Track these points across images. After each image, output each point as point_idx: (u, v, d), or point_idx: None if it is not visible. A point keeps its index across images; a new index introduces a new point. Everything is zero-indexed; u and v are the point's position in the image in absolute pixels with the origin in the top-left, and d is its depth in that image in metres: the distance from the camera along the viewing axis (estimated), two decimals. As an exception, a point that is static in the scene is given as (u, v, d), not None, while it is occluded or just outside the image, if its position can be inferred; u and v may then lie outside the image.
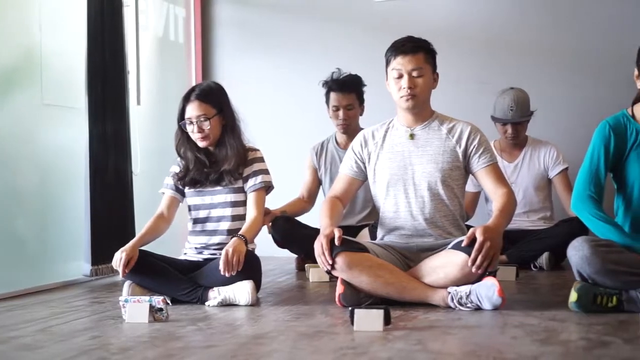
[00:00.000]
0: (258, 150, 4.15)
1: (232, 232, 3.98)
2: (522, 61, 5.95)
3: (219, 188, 4.06)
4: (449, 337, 2.95)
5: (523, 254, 5.01)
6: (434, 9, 6.18)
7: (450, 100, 5.67)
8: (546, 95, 5.68)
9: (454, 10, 6.17)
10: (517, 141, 5.32)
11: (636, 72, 3.49)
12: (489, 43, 6.05)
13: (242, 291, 3.76)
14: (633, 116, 3.56)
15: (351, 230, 4.97)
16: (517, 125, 5.25)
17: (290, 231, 4.99)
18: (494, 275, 4.27)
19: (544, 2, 6.01)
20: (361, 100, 5.27)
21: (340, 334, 3.04)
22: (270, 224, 4.99)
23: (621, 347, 2.68)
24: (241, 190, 4.06)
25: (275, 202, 5.02)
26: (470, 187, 5.13)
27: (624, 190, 3.57)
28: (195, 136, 4.02)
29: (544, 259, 4.94)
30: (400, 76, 3.75)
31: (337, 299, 3.60)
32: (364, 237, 4.85)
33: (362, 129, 4.37)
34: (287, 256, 5.43)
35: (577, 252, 3.35)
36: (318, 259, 3.60)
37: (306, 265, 4.82)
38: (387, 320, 3.06)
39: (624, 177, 3.56)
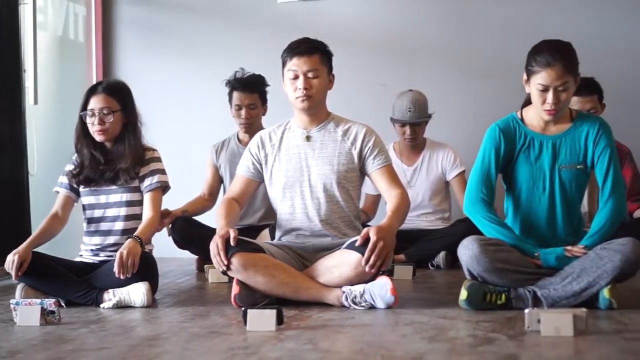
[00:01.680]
0: (155, 150, 4.12)
1: (127, 232, 3.95)
2: (420, 64, 6.05)
3: (114, 187, 4.02)
4: (340, 335, 2.99)
5: (421, 253, 5.09)
6: (337, 11, 6.22)
7: (350, 102, 5.75)
8: (443, 98, 5.78)
9: (355, 12, 6.23)
10: (416, 142, 5.40)
11: (525, 77, 3.58)
12: (389, 45, 6.13)
13: (137, 293, 3.73)
14: (522, 120, 3.66)
15: (252, 231, 4.98)
16: (415, 127, 5.33)
17: (189, 232, 4.97)
18: (388, 274, 4.34)
19: (443, 7, 6.11)
20: (264, 100, 5.28)
21: (233, 335, 3.05)
22: (170, 225, 4.95)
23: (505, 344, 2.75)
24: (137, 189, 4.03)
25: (178, 201, 5.00)
26: (371, 189, 5.20)
27: (513, 191, 3.67)
28: (94, 128, 3.97)
29: (441, 258, 5.04)
30: (296, 77, 3.77)
31: (232, 300, 3.60)
32: (264, 237, 4.86)
33: (264, 129, 4.38)
34: (188, 257, 5.40)
35: (466, 251, 3.43)
36: (213, 260, 3.60)
37: (205, 266, 4.81)
38: (279, 320, 3.07)
39: (514, 179, 3.65)
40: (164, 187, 4.06)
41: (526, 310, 2.94)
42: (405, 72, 5.99)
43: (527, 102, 3.67)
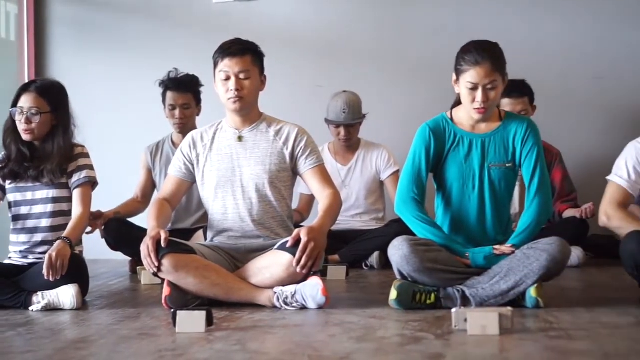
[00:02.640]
0: (84, 146, 4.07)
1: (54, 229, 3.90)
2: (355, 65, 6.06)
3: (39, 184, 3.96)
4: (269, 336, 2.99)
5: (355, 253, 5.11)
6: (272, 11, 6.22)
7: (285, 103, 5.75)
8: (378, 99, 5.81)
9: (291, 13, 6.23)
10: (350, 143, 5.43)
11: (454, 77, 3.63)
12: (324, 46, 6.14)
13: (66, 295, 3.69)
14: (452, 119, 3.70)
15: (186, 233, 4.95)
16: (349, 128, 5.36)
17: (122, 233, 4.91)
18: (321, 275, 4.35)
19: (377, 9, 6.15)
20: (198, 101, 5.26)
21: (162, 336, 3.03)
22: (103, 227, 4.90)
23: (432, 343, 2.78)
24: (65, 185, 3.97)
25: (110, 203, 4.95)
26: (306, 189, 5.21)
27: (443, 190, 3.71)
28: (21, 127, 3.91)
29: (374, 258, 5.07)
30: (228, 78, 3.76)
31: (163, 301, 3.58)
32: (198, 238, 4.83)
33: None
34: (122, 259, 5.35)
35: (397, 251, 3.46)
36: (144, 262, 3.58)
37: (138, 267, 4.77)
38: (209, 321, 3.07)
39: (444, 178, 3.69)
40: (92, 183, 4.01)
41: (453, 310, 2.97)
42: (341, 73, 6.00)
43: (457, 102, 3.72)
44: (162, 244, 3.53)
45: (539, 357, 2.58)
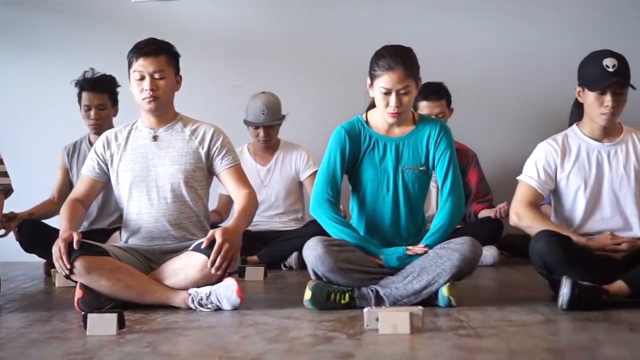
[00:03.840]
0: None
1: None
2: (274, 66, 6.07)
3: None
4: (181, 338, 2.97)
5: (273, 254, 5.11)
6: (192, 11, 6.19)
7: (204, 103, 5.73)
8: (297, 100, 5.82)
9: (210, 13, 6.21)
10: (270, 144, 5.43)
11: (368, 82, 3.66)
12: (243, 47, 6.13)
13: (-25, 298, 3.62)
14: (367, 122, 3.73)
15: (103, 233, 4.89)
16: (268, 129, 5.36)
17: (36, 235, 4.83)
18: (239, 276, 4.35)
19: (296, 10, 6.16)
20: (115, 101, 5.20)
21: (72, 339, 2.99)
22: (17, 228, 4.81)
23: (343, 343, 2.80)
24: (-24, 193, 3.91)
25: (25, 204, 4.87)
26: (225, 190, 5.18)
27: (358, 192, 3.74)
28: None
29: (293, 258, 5.08)
30: (142, 78, 3.74)
31: (76, 304, 3.53)
32: (115, 239, 4.78)
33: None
34: (36, 261, 5.25)
35: (311, 251, 3.48)
36: (56, 264, 3.53)
37: (52, 270, 4.69)
38: (121, 323, 3.04)
39: (359, 180, 3.72)
40: (6, 191, 3.94)
41: (365, 309, 3.00)
42: (260, 74, 6.00)
43: (372, 105, 3.75)
44: (74, 245, 3.48)
45: (447, 355, 2.62)
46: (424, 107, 5.35)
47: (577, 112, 3.72)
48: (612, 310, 3.30)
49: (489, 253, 5.06)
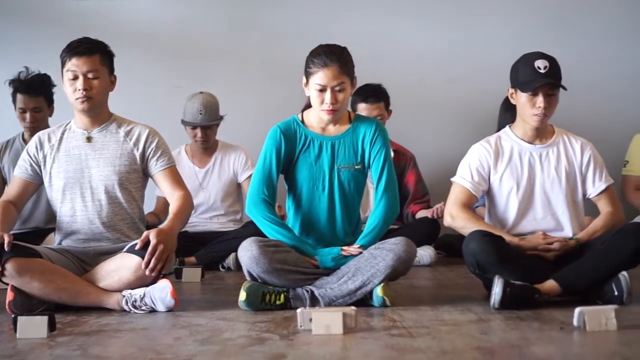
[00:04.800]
0: None
1: None
2: (212, 66, 6.06)
3: None
4: (113, 340, 2.95)
5: (211, 255, 5.10)
6: (129, 10, 6.14)
7: (142, 103, 5.70)
8: (235, 100, 5.82)
9: (147, 12, 6.17)
10: (207, 145, 5.41)
11: (304, 81, 3.67)
12: (182, 47, 6.11)
13: None
14: (303, 122, 3.74)
15: (38, 234, 4.83)
16: (206, 129, 5.34)
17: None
18: (176, 277, 4.33)
19: (233, 10, 6.16)
20: (50, 102, 5.14)
21: (2, 343, 2.95)
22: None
23: (276, 343, 2.80)
24: None
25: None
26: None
27: (294, 191, 3.74)
28: None
29: (231, 259, 5.06)
30: (75, 78, 3.69)
31: (7, 306, 3.48)
32: (50, 241, 4.71)
33: (48, 129, 4.25)
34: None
35: (246, 252, 3.47)
36: (-13, 266, 3.47)
37: (-16, 272, 4.61)
38: (52, 326, 3.00)
39: (294, 180, 3.72)
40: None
41: (298, 310, 3.00)
42: (198, 74, 5.99)
43: (308, 105, 3.76)
44: (5, 247, 3.42)
45: (378, 355, 2.63)
46: (363, 109, 5.38)
47: (504, 114, 3.77)
48: (543, 309, 3.35)
49: (426, 253, 5.10)
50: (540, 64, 3.66)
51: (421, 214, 5.35)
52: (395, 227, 5.27)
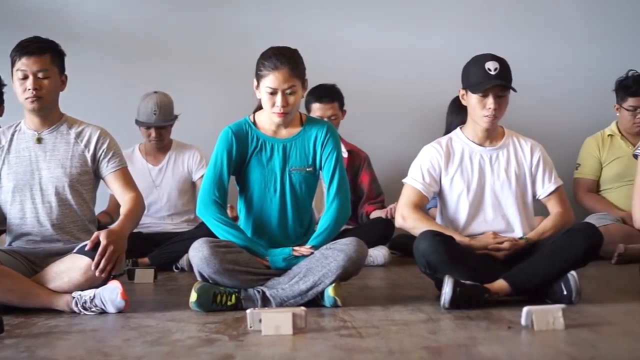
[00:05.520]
0: None
1: None
2: (167, 65, 6.03)
3: None
4: (61, 342, 2.93)
5: (165, 256, 5.07)
6: (82, 9, 6.09)
7: (96, 103, 5.66)
8: (190, 99, 5.79)
9: (102, 12, 6.12)
10: (161, 145, 5.38)
11: (255, 83, 3.67)
12: (136, 46, 6.06)
13: None
14: (255, 123, 3.74)
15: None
16: (160, 129, 5.31)
17: None
18: (129, 278, 4.30)
19: (188, 9, 6.13)
20: (0, 101, 5.08)
21: (-55, 346, 2.91)
22: None
23: (225, 344, 2.80)
24: None
25: None
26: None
27: (246, 193, 3.74)
28: None
29: (184, 260, 5.04)
30: (25, 77, 3.65)
31: (-45, 309, 3.44)
32: (0, 243, 4.67)
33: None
34: None
35: (197, 253, 3.47)
36: None
37: None
38: (0, 328, 2.97)
39: (246, 181, 3.72)
40: None
41: (248, 311, 3.00)
42: (152, 73, 5.95)
43: (259, 107, 3.76)
44: (-47, 249, 3.39)
45: (326, 355, 2.64)
46: (317, 109, 5.39)
47: (451, 115, 3.79)
48: (493, 308, 3.38)
49: (380, 253, 5.12)
50: (491, 65, 3.70)
51: (375, 214, 5.38)
52: (350, 227, 5.29)
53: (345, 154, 5.44)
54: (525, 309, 2.98)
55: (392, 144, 6.00)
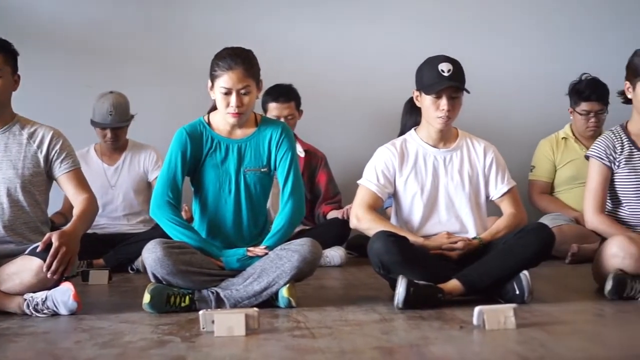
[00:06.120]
0: None
1: None
2: (124, 65, 5.99)
3: None
4: (12, 344, 2.90)
5: (120, 257, 5.04)
6: (35, 8, 6.02)
7: (52, 103, 5.61)
8: (146, 100, 5.75)
9: (56, 10, 6.06)
10: (117, 145, 5.34)
11: (209, 84, 3.67)
12: (92, 46, 6.01)
13: None
14: (209, 124, 3.73)
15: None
16: (116, 130, 5.27)
17: None
18: (83, 279, 4.26)
19: (145, 9, 6.10)
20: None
21: None
22: None
23: (177, 346, 2.79)
24: None
25: None
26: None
27: (200, 194, 3.73)
28: None
29: (140, 261, 5.00)
30: (-24, 78, 3.61)
31: None
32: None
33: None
34: None
35: (150, 254, 3.45)
36: None
37: None
38: (-52, 331, 2.94)
39: (201, 182, 3.72)
40: None
41: (200, 312, 3.00)
42: (109, 73, 5.90)
43: (214, 107, 3.75)
44: None
45: (278, 356, 2.65)
46: (273, 108, 5.40)
47: (405, 116, 3.81)
48: (446, 308, 3.40)
49: (337, 254, 5.13)
50: (444, 67, 3.72)
51: (332, 214, 5.39)
52: (307, 228, 5.30)
53: (302, 154, 5.45)
54: (477, 309, 3.00)
55: (349, 144, 6.01)
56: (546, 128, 5.85)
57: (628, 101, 3.94)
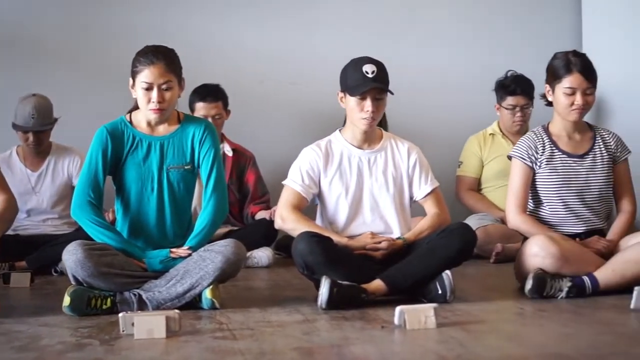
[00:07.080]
0: None
1: None
2: (47, 67, 5.86)
3: None
4: None
5: (44, 259, 4.93)
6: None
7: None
8: (71, 101, 5.66)
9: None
10: (40, 149, 5.21)
11: (131, 82, 3.65)
12: (14, 47, 5.87)
13: None
14: (131, 122, 3.70)
15: None
16: (39, 134, 5.14)
17: None
18: (4, 282, 4.19)
19: (66, 8, 5.98)
20: None
21: None
22: None
23: (95, 349, 2.76)
24: None
25: None
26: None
27: (122, 193, 3.70)
28: None
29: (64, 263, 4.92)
30: None
31: None
32: None
33: None
34: None
35: (70, 256, 3.41)
36: None
37: None
38: None
39: (122, 181, 3.68)
40: None
41: (120, 314, 2.97)
42: (32, 75, 5.78)
43: (136, 106, 3.72)
44: None
45: (197, 358, 2.64)
46: (201, 108, 5.37)
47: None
48: (369, 308, 3.42)
49: (264, 254, 5.12)
50: (369, 68, 3.74)
51: (260, 215, 5.38)
52: (235, 229, 5.28)
53: (230, 153, 5.44)
54: (398, 309, 3.02)
55: (278, 144, 5.99)
56: (475, 125, 5.92)
57: (550, 104, 4.01)
